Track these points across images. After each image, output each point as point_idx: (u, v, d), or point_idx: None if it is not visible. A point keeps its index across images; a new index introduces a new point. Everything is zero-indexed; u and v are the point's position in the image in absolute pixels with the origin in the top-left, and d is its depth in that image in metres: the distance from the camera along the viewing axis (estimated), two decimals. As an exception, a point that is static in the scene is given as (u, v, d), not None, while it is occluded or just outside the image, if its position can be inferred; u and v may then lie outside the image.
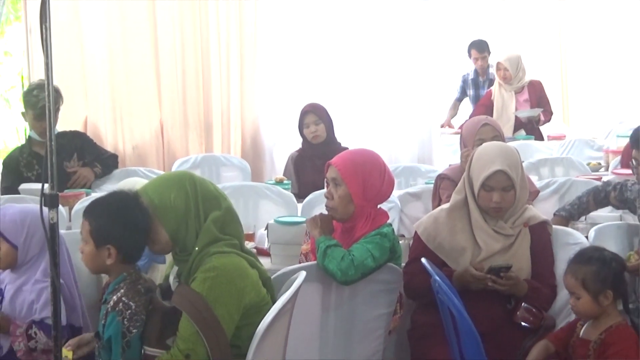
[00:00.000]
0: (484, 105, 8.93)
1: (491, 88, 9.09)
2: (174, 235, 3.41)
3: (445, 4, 9.58)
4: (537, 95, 8.89)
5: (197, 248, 3.36)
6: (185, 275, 3.38)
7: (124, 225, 3.41)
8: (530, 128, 8.80)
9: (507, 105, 8.80)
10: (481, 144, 5.06)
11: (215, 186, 3.57)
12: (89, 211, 3.50)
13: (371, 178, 4.21)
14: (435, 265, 3.92)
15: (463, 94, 9.93)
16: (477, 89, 9.76)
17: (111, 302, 3.39)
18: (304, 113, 6.73)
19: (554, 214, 5.05)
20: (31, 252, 3.85)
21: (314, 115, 6.68)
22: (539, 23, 10.95)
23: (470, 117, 8.51)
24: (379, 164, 4.28)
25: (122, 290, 3.41)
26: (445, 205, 4.39)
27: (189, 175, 3.53)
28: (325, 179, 4.31)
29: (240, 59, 8.63)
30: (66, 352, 3.38)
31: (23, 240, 3.84)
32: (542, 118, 8.77)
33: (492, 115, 8.52)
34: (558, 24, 11.05)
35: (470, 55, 9.76)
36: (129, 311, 3.35)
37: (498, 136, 5.13)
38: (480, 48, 9.71)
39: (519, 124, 8.76)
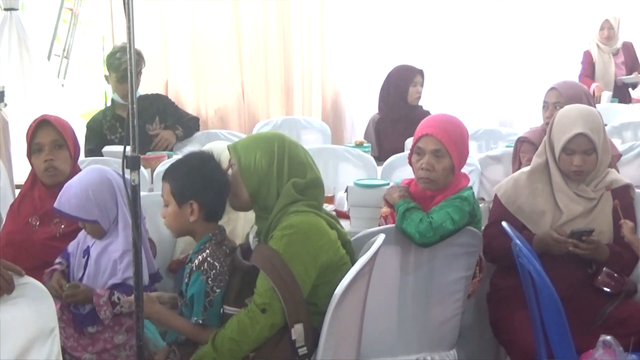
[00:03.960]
0: (589, 65, 8.79)
1: (588, 49, 8.92)
2: (254, 194, 3.44)
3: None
4: (631, 58, 8.76)
5: (276, 207, 3.39)
6: (264, 234, 3.41)
7: (203, 179, 3.46)
8: (623, 91, 8.66)
9: (607, 68, 8.68)
10: (544, 106, 5.08)
11: (307, 154, 3.56)
12: (168, 173, 3.55)
13: (466, 147, 4.20)
14: (515, 229, 3.89)
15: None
16: None
17: (196, 262, 3.42)
18: (415, 73, 6.76)
19: None
20: (111, 216, 3.88)
21: (421, 77, 6.72)
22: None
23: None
24: (467, 130, 4.26)
25: (207, 251, 3.43)
26: (525, 169, 4.35)
27: (280, 138, 3.53)
28: (414, 147, 4.23)
29: (322, 21, 8.61)
30: None
31: (98, 213, 3.86)
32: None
33: (593, 78, 8.46)
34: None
35: None
36: (214, 271, 3.37)
37: (560, 103, 5.07)
38: None
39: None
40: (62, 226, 4.15)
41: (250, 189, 3.44)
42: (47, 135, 4.22)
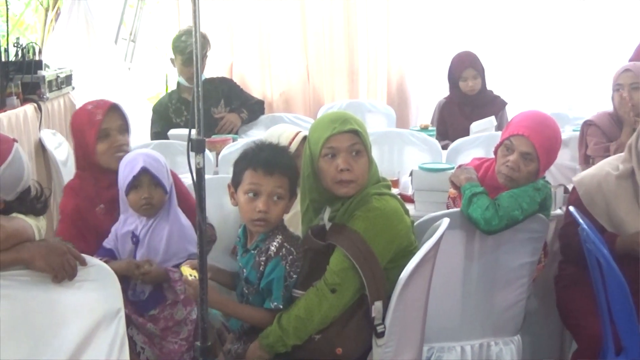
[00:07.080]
0: None
1: None
2: None
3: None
4: None
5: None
6: (342, 214, 3.38)
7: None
8: None
9: None
10: (618, 89, 4.94)
11: None
12: (285, 167, 3.44)
13: (556, 154, 4.15)
14: (596, 229, 3.79)
15: None
16: None
17: (273, 248, 3.38)
18: (464, 67, 6.64)
19: None
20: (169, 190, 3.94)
21: (474, 70, 6.61)
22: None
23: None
24: (561, 136, 4.18)
25: (280, 237, 3.41)
26: (611, 170, 4.15)
27: None
28: (505, 140, 4.16)
29: (387, 4, 8.56)
30: (189, 270, 3.42)
31: (167, 183, 3.91)
32: None
33: None
34: None
35: None
36: (291, 256, 3.37)
37: (638, 83, 4.96)
38: None
39: None
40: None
41: None
42: (114, 120, 4.05)
